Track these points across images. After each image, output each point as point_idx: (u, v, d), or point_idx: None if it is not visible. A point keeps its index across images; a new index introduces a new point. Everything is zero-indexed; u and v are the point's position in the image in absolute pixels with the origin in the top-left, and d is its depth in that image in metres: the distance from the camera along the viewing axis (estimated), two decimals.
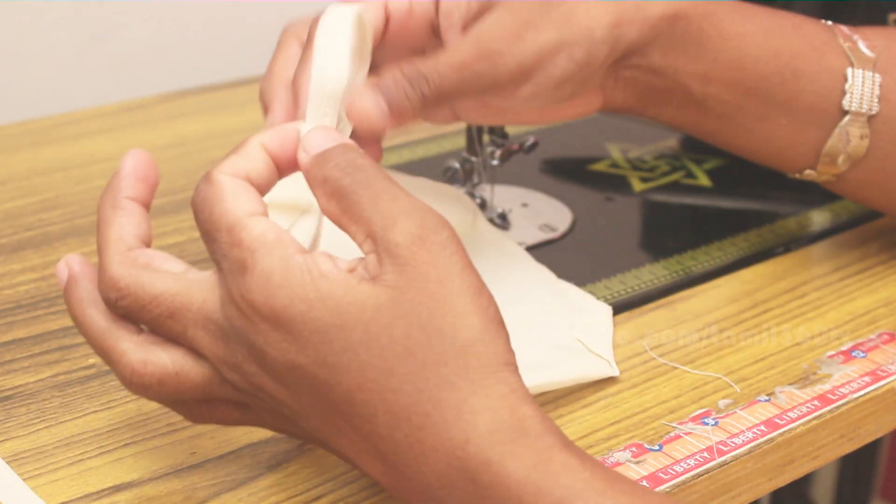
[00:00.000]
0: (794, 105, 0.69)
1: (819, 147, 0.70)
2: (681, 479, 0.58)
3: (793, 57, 0.68)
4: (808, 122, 0.69)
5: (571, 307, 0.68)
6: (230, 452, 0.59)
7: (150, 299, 0.53)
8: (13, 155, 0.86)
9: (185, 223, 0.78)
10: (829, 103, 0.69)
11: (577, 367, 0.64)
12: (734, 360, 0.67)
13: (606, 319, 0.68)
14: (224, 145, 0.88)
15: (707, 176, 0.85)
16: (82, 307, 0.55)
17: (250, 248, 0.50)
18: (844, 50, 0.69)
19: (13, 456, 0.58)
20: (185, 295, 0.53)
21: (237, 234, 0.51)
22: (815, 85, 0.68)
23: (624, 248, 0.77)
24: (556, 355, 0.64)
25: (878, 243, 0.78)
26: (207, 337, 0.52)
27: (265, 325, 0.50)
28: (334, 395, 0.51)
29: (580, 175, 0.86)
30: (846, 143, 0.69)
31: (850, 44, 0.69)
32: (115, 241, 0.55)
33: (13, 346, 0.66)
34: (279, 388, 0.52)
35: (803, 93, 0.68)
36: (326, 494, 0.57)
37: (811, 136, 0.69)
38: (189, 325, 0.53)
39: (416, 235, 0.50)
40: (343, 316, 0.49)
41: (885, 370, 0.66)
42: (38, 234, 0.76)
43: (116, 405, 0.62)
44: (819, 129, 0.69)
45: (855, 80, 0.68)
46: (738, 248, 0.77)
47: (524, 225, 0.78)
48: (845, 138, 0.69)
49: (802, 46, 0.68)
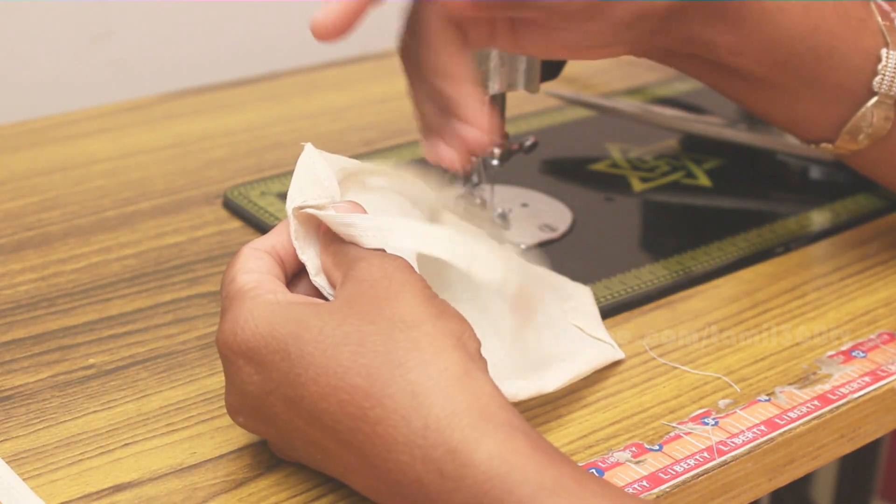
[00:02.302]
0: (823, 81, 0.67)
1: (841, 123, 0.69)
2: (681, 479, 0.58)
3: (829, 34, 0.67)
4: (833, 99, 0.68)
5: (555, 291, 0.68)
6: (230, 452, 0.59)
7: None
8: (13, 155, 0.86)
9: (185, 223, 0.78)
10: (857, 83, 0.67)
11: (589, 356, 0.64)
12: (734, 360, 0.67)
13: (590, 300, 0.68)
14: (224, 145, 0.88)
15: (707, 176, 0.85)
16: None
17: (231, 297, 0.55)
18: (881, 28, 0.68)
19: (13, 456, 0.58)
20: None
21: (227, 289, 0.56)
22: (847, 63, 0.67)
23: (624, 248, 0.77)
24: (562, 346, 0.64)
25: (878, 243, 0.78)
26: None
27: (240, 360, 0.54)
28: (303, 412, 0.53)
29: (580, 175, 0.86)
30: (870, 123, 0.68)
31: (887, 23, 0.68)
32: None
33: (13, 346, 0.66)
34: (264, 428, 0.56)
35: (834, 70, 0.67)
36: (326, 494, 0.57)
37: (835, 112, 0.68)
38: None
39: (375, 265, 0.54)
40: (301, 324, 0.53)
41: (885, 370, 0.66)
42: (38, 234, 0.76)
43: (116, 405, 0.62)
44: (844, 107, 0.68)
45: (889, 61, 0.67)
46: (738, 248, 0.77)
47: (524, 225, 0.78)
48: (870, 118, 0.68)
49: (839, 24, 0.67)
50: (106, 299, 0.70)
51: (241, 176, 0.84)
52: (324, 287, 0.56)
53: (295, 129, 0.91)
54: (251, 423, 0.56)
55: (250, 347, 0.53)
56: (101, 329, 0.67)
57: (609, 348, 0.65)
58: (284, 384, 0.53)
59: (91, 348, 0.66)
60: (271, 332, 0.53)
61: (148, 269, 0.73)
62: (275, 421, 0.54)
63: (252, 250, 0.57)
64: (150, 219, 0.78)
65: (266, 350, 0.53)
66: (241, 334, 0.54)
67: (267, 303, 0.54)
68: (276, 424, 0.54)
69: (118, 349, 0.66)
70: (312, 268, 0.57)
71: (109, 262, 0.73)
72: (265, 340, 0.53)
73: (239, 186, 0.81)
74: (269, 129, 0.90)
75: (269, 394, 0.53)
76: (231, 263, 0.57)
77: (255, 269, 0.56)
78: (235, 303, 0.55)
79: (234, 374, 0.54)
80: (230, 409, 0.56)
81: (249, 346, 0.53)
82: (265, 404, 0.54)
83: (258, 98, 0.96)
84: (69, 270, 0.73)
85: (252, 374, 0.54)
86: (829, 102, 0.68)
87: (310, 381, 0.52)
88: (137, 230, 0.77)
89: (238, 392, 0.55)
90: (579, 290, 0.69)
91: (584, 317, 0.67)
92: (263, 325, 0.53)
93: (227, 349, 0.54)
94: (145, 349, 0.66)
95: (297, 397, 0.52)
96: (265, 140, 0.89)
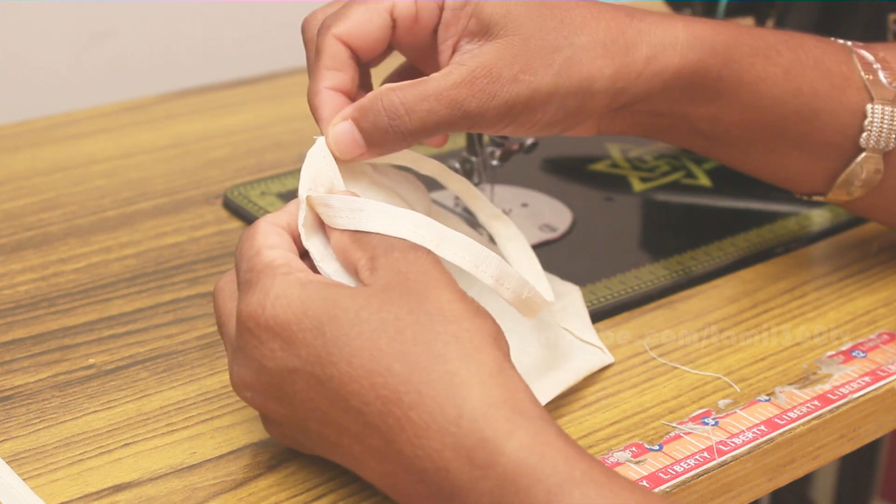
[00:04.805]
0: (810, 141, 0.67)
1: (832, 178, 0.68)
2: (681, 479, 0.58)
3: (813, 96, 0.66)
4: (822, 156, 0.68)
5: None
6: (230, 452, 0.59)
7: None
8: (13, 155, 0.86)
9: (185, 223, 0.78)
10: (845, 139, 0.67)
11: (580, 365, 0.64)
12: (734, 360, 0.67)
13: (578, 300, 0.68)
14: (223, 145, 0.88)
15: (707, 176, 0.85)
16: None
17: (259, 270, 0.55)
18: (865, 83, 0.67)
19: (13, 456, 0.58)
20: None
21: (252, 261, 0.55)
22: (833, 122, 0.67)
23: (624, 248, 0.77)
24: (554, 355, 0.64)
25: (877, 243, 0.78)
26: (228, 353, 0.57)
27: (265, 335, 0.53)
28: (329, 392, 0.52)
29: (580, 175, 0.86)
30: (860, 176, 0.68)
31: (870, 76, 0.67)
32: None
33: (13, 346, 0.66)
34: (274, 406, 0.55)
35: (820, 131, 0.67)
36: (326, 494, 0.57)
37: (824, 168, 0.68)
38: (223, 335, 0.58)
39: (410, 258, 0.55)
40: (336, 305, 0.53)
41: (885, 370, 0.66)
42: (38, 234, 0.76)
43: (116, 405, 0.62)
44: (833, 163, 0.68)
45: (874, 116, 0.66)
46: (738, 248, 0.77)
47: (524, 225, 0.78)
48: (860, 172, 0.68)
49: (823, 84, 0.66)
50: (106, 299, 0.70)
51: (241, 176, 0.84)
52: (329, 275, 0.56)
53: (295, 129, 0.91)
54: (260, 398, 0.55)
55: (280, 323, 0.53)
56: (101, 329, 0.67)
57: (599, 353, 0.65)
58: (313, 362, 0.53)
59: (91, 348, 0.66)
60: (305, 310, 0.53)
61: (148, 269, 0.73)
62: (291, 399, 0.54)
63: (271, 226, 0.57)
64: (150, 219, 0.78)
65: (298, 327, 0.53)
66: (272, 309, 0.53)
67: (300, 281, 0.54)
68: (291, 403, 0.54)
69: (118, 349, 0.66)
70: (317, 254, 0.57)
71: (109, 262, 0.74)
72: (297, 317, 0.53)
73: (239, 186, 0.81)
74: (269, 129, 0.91)
75: (293, 371, 0.53)
76: (250, 236, 0.56)
77: (279, 246, 0.56)
78: (264, 277, 0.54)
79: (254, 348, 0.54)
80: (239, 382, 0.55)
81: (279, 322, 0.53)
82: (285, 381, 0.54)
83: (258, 98, 0.96)
84: (69, 270, 0.73)
85: (276, 350, 0.53)
86: (818, 160, 0.68)
87: (343, 360, 0.52)
88: (137, 230, 0.77)
89: (254, 367, 0.54)
90: (569, 290, 0.68)
91: (574, 319, 0.66)
92: (296, 303, 0.53)
93: (251, 322, 0.54)
94: (145, 349, 0.66)
95: (326, 377, 0.52)
96: (265, 140, 0.89)
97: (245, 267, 0.56)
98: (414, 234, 0.56)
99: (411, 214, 0.57)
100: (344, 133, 0.59)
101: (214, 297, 0.58)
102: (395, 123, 0.58)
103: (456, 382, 0.51)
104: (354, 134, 0.59)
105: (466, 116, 0.59)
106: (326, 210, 0.57)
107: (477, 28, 0.60)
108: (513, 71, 0.60)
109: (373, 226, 0.56)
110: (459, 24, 0.61)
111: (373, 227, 0.56)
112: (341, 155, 0.59)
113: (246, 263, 0.56)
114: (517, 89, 0.60)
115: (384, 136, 0.59)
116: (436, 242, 0.56)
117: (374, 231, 0.56)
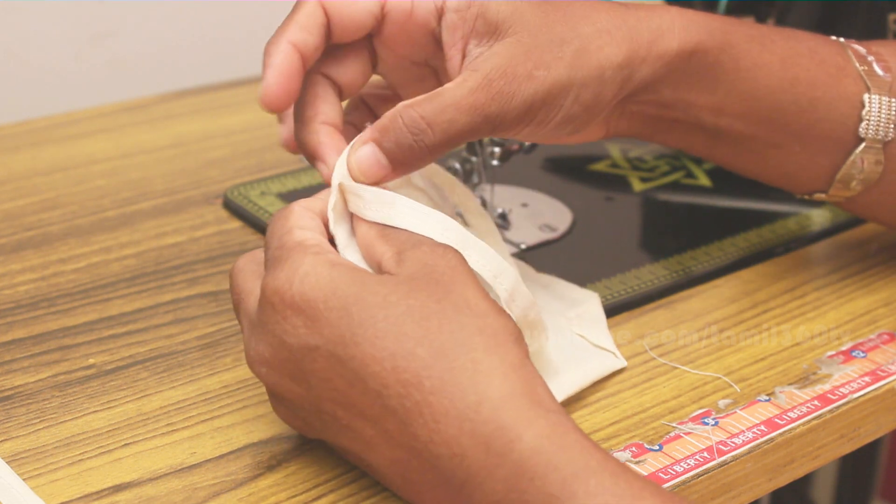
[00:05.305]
0: (809, 133, 0.67)
1: (832, 172, 0.68)
2: (681, 479, 0.58)
3: (810, 85, 0.66)
4: (822, 149, 0.68)
5: (561, 300, 0.68)
6: (230, 452, 0.59)
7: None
8: (13, 155, 0.86)
9: (185, 223, 0.78)
10: (844, 130, 0.67)
11: (591, 368, 0.64)
12: (734, 360, 0.67)
13: (597, 307, 0.68)
14: (223, 145, 0.88)
15: (707, 176, 0.85)
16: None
17: (289, 248, 0.55)
18: (860, 74, 0.67)
19: (13, 456, 0.58)
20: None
21: (283, 239, 0.56)
22: (832, 113, 0.67)
23: (624, 248, 0.77)
24: (566, 357, 0.64)
25: (877, 243, 0.78)
26: (245, 329, 0.57)
27: (289, 310, 0.54)
28: (348, 372, 0.53)
29: (580, 175, 0.86)
30: (860, 169, 0.68)
31: (865, 67, 0.67)
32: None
33: (13, 346, 0.66)
34: (289, 384, 0.55)
35: (819, 121, 0.67)
36: (326, 494, 0.57)
37: (825, 162, 0.68)
38: (240, 312, 0.58)
39: (438, 252, 0.56)
40: (365, 288, 0.53)
41: (885, 370, 0.66)
42: (38, 234, 0.76)
43: (116, 405, 0.62)
44: (833, 156, 0.68)
45: (872, 105, 0.67)
46: (738, 248, 0.77)
47: (524, 225, 0.78)
48: (860, 164, 0.68)
49: (819, 74, 0.67)
50: (106, 299, 0.70)
51: (241, 176, 0.84)
52: (354, 261, 0.57)
53: None
54: (275, 375, 0.55)
55: (306, 300, 0.53)
56: (101, 329, 0.67)
57: (611, 357, 0.65)
58: (335, 342, 0.53)
59: (91, 348, 0.66)
60: (333, 290, 0.53)
61: (148, 269, 0.73)
62: (308, 378, 0.54)
63: (305, 210, 0.58)
64: (150, 219, 0.78)
65: (324, 306, 0.53)
66: (300, 286, 0.53)
67: (330, 262, 0.54)
68: (307, 382, 0.54)
69: (118, 349, 0.66)
70: (342, 241, 0.57)
71: (109, 262, 0.74)
72: (325, 296, 0.53)
73: (239, 186, 0.81)
74: (269, 129, 0.90)
75: (313, 349, 0.53)
76: (283, 217, 0.57)
77: (312, 228, 0.57)
78: (295, 255, 0.55)
79: (277, 323, 0.54)
80: (257, 358, 0.55)
81: (306, 299, 0.53)
82: (305, 359, 0.54)
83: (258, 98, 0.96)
84: (69, 270, 0.73)
85: (299, 327, 0.53)
86: (819, 153, 0.68)
87: (366, 341, 0.52)
88: (137, 230, 0.77)
89: (273, 342, 0.54)
90: (587, 297, 0.69)
91: (589, 325, 0.67)
92: (325, 282, 0.53)
93: (276, 297, 0.54)
94: (145, 349, 0.66)
95: (347, 356, 0.52)
96: (265, 140, 0.89)
97: (276, 244, 0.56)
98: (441, 236, 0.56)
99: (440, 216, 0.57)
100: (367, 156, 0.58)
101: (232, 276, 0.58)
102: (419, 139, 0.58)
103: (479, 370, 0.51)
104: (378, 156, 0.58)
105: (488, 121, 0.59)
106: (357, 200, 0.57)
107: (484, 28, 0.60)
108: (527, 68, 0.59)
109: (402, 221, 0.56)
110: (466, 26, 0.61)
111: (401, 222, 0.56)
112: (367, 179, 0.58)
113: (277, 241, 0.56)
114: (534, 86, 0.59)
115: (409, 154, 0.58)
116: (460, 247, 0.56)
117: (402, 227, 0.56)
